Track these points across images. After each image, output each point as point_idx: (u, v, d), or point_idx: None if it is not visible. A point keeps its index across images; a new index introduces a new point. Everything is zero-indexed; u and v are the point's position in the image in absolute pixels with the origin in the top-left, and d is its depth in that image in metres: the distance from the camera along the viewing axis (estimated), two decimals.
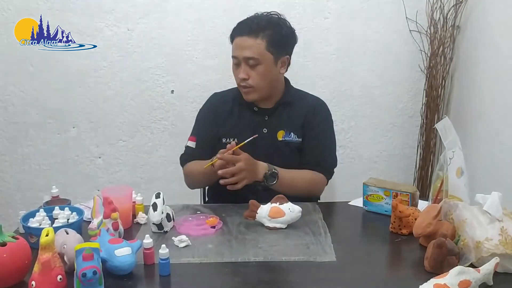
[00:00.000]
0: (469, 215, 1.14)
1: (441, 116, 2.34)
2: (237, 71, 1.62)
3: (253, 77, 1.59)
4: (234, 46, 1.61)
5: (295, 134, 1.66)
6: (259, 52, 1.57)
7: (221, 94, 1.80)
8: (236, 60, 1.61)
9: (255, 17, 1.62)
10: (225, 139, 1.65)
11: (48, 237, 0.95)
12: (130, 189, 1.39)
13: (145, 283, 1.06)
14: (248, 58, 1.57)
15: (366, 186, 1.46)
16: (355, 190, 1.57)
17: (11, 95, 2.37)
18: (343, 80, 2.45)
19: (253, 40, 1.56)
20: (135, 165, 2.49)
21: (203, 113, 1.77)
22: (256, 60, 1.57)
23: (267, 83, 1.61)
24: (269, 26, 1.59)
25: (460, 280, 0.94)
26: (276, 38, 1.59)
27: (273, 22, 1.61)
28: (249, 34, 1.57)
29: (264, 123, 1.67)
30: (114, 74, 2.37)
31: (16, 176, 2.47)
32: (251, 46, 1.56)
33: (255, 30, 1.57)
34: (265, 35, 1.57)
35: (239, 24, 1.63)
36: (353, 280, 1.08)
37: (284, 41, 1.63)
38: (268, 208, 1.31)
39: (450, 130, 1.33)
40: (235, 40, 1.60)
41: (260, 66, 1.58)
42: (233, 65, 1.64)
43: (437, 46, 2.33)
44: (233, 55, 1.62)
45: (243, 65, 1.59)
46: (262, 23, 1.58)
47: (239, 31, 1.60)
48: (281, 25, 1.62)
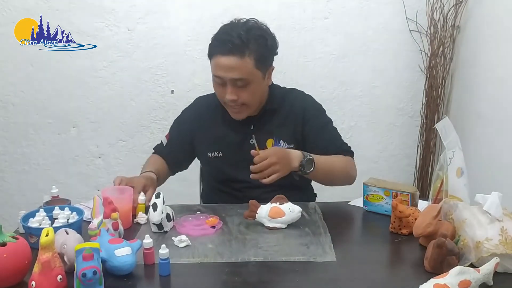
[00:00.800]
0: (469, 215, 1.13)
1: (441, 116, 2.34)
2: (222, 91, 1.47)
3: (243, 97, 1.46)
4: (217, 66, 1.44)
5: (284, 141, 1.56)
6: (248, 72, 1.42)
7: (204, 100, 1.71)
8: (220, 80, 1.45)
9: (234, 30, 1.43)
10: (210, 153, 1.59)
11: (48, 237, 0.95)
12: (130, 189, 1.39)
13: (145, 283, 1.05)
14: (236, 80, 1.43)
15: (366, 186, 1.46)
16: (355, 190, 1.57)
17: (11, 95, 2.37)
18: (343, 80, 2.45)
19: (239, 60, 1.40)
20: (135, 165, 2.48)
21: (185, 116, 1.70)
22: (245, 81, 1.43)
23: (257, 99, 1.51)
24: (253, 40, 1.42)
25: (460, 280, 0.94)
26: (263, 52, 1.45)
27: (256, 34, 1.44)
28: (233, 53, 1.40)
29: (250, 133, 1.57)
30: (114, 74, 2.37)
31: (16, 176, 2.47)
32: (239, 67, 1.41)
33: (240, 47, 1.40)
34: (252, 52, 1.41)
35: (218, 40, 1.45)
36: (353, 280, 1.08)
37: (270, 53, 1.50)
38: (268, 208, 1.31)
39: (450, 130, 1.33)
40: (217, 59, 1.43)
41: (250, 85, 1.45)
42: (215, 84, 1.49)
43: (437, 46, 2.33)
44: (216, 75, 1.45)
45: (229, 86, 1.44)
46: (245, 38, 1.41)
47: (221, 49, 1.42)
48: (265, 36, 1.46)
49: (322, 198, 1.72)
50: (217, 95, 1.53)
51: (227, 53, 1.41)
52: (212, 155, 1.60)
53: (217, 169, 1.62)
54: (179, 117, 1.73)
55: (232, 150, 1.57)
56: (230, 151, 1.58)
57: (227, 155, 1.59)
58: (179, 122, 1.71)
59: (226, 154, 1.59)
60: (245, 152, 1.48)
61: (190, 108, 1.73)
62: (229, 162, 1.58)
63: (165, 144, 1.68)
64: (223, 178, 1.61)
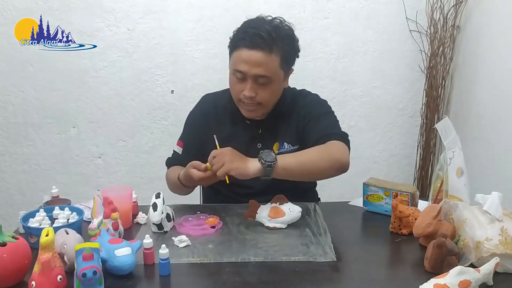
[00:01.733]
0: (469, 215, 1.13)
1: (441, 116, 2.34)
2: (239, 87, 1.41)
3: (261, 95, 1.40)
4: (240, 60, 1.37)
5: (288, 143, 1.52)
6: (273, 70, 1.38)
7: (212, 98, 1.63)
8: (241, 75, 1.39)
9: (262, 25, 1.37)
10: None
11: (48, 237, 0.95)
12: (130, 189, 1.39)
13: (145, 283, 1.05)
14: (259, 76, 1.37)
15: (366, 186, 1.46)
16: (355, 190, 1.57)
17: (11, 95, 2.37)
18: (343, 80, 2.45)
19: (266, 56, 1.35)
20: (135, 165, 2.49)
21: (192, 117, 1.63)
22: (268, 79, 1.38)
23: (274, 100, 1.46)
24: (282, 39, 1.38)
25: (460, 280, 0.94)
26: (289, 52, 1.42)
27: (284, 33, 1.40)
28: (261, 47, 1.34)
29: (257, 138, 1.52)
30: (114, 74, 2.37)
31: (16, 176, 2.47)
32: (264, 63, 1.35)
33: (268, 42, 1.35)
34: (279, 49, 1.37)
35: (246, 33, 1.37)
36: (353, 280, 1.08)
37: (295, 54, 1.46)
38: (268, 208, 1.31)
39: (450, 130, 1.33)
40: (241, 52, 1.37)
41: (271, 84, 1.40)
42: (234, 79, 1.42)
43: (437, 46, 2.33)
44: (238, 69, 1.38)
45: (250, 82, 1.38)
46: (274, 35, 1.36)
47: (248, 42, 1.35)
48: (292, 36, 1.43)
49: (322, 198, 1.71)
50: (233, 91, 1.45)
51: (254, 47, 1.35)
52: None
53: None
54: (188, 121, 1.65)
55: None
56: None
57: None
58: (190, 125, 1.63)
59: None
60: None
61: (196, 107, 1.65)
62: None
63: (181, 152, 1.59)
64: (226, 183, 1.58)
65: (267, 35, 1.35)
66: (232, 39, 1.43)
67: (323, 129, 1.46)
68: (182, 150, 1.59)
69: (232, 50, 1.42)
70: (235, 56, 1.40)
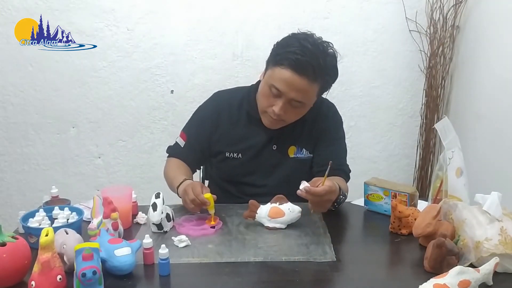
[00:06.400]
0: (468, 215, 1.13)
1: (440, 116, 2.34)
2: (271, 100, 1.40)
3: (289, 115, 1.42)
4: (281, 79, 1.35)
5: (307, 150, 1.53)
6: (310, 98, 1.40)
7: (226, 96, 1.59)
8: (278, 92, 1.37)
9: (315, 53, 1.34)
10: (228, 153, 1.53)
11: (47, 237, 0.95)
12: (130, 189, 1.39)
13: (145, 283, 1.05)
14: (295, 100, 1.37)
15: (366, 185, 1.46)
16: (354, 190, 1.57)
17: (11, 95, 2.37)
18: (343, 80, 2.45)
19: (308, 84, 1.34)
20: (134, 165, 2.49)
21: (202, 113, 1.59)
22: (302, 104, 1.39)
23: (298, 118, 1.47)
24: (328, 71, 1.38)
25: (459, 280, 0.94)
26: (330, 83, 1.43)
27: (332, 64, 1.39)
28: (307, 76, 1.33)
29: (274, 139, 1.52)
30: (114, 74, 2.37)
31: (16, 176, 2.47)
32: (305, 91, 1.36)
33: (316, 73, 1.34)
34: (322, 79, 1.37)
35: (295, 56, 1.32)
36: (353, 280, 1.08)
37: (333, 83, 1.45)
38: (268, 208, 1.31)
39: (450, 130, 1.33)
40: (286, 72, 1.34)
41: (303, 108, 1.42)
42: (268, 92, 1.39)
43: (437, 46, 2.34)
44: (276, 87, 1.36)
45: (284, 102, 1.37)
46: (323, 66, 1.35)
47: (296, 67, 1.32)
48: (336, 67, 1.41)
49: None
50: (262, 101, 1.43)
51: (300, 73, 1.33)
52: (230, 155, 1.53)
53: (231, 170, 1.55)
54: (197, 115, 1.61)
55: (252, 154, 1.52)
56: (250, 154, 1.52)
57: (246, 158, 1.53)
58: (198, 121, 1.59)
59: (245, 156, 1.53)
60: (265, 157, 1.46)
61: (209, 103, 1.60)
62: (247, 165, 1.53)
63: (183, 146, 1.57)
64: (236, 181, 1.56)
65: (318, 68, 1.34)
66: (277, 54, 1.38)
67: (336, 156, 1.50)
68: (185, 143, 1.57)
69: (275, 64, 1.38)
70: (277, 72, 1.36)
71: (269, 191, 1.41)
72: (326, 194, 1.23)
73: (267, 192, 1.41)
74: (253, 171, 1.54)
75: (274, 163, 1.53)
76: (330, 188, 1.23)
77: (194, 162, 1.61)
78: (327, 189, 1.22)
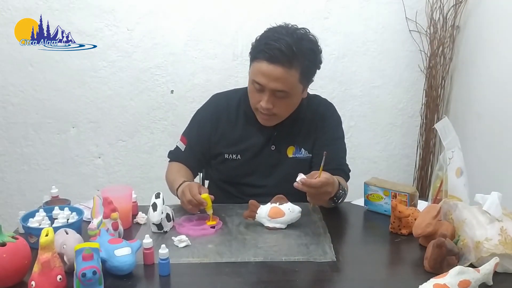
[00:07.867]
0: (468, 215, 1.14)
1: (440, 116, 2.34)
2: (257, 96, 1.41)
3: (279, 107, 1.41)
4: (259, 72, 1.36)
5: (305, 150, 1.53)
6: (292, 85, 1.37)
7: (224, 98, 1.60)
8: (260, 87, 1.38)
9: (284, 38, 1.33)
10: (228, 155, 1.54)
11: (47, 237, 0.95)
12: (130, 189, 1.39)
13: (145, 283, 1.05)
14: (277, 90, 1.37)
15: (366, 185, 1.46)
16: (354, 190, 1.57)
17: (11, 95, 2.37)
18: (343, 80, 2.45)
19: (284, 71, 1.33)
20: (134, 165, 2.49)
21: (202, 116, 1.60)
22: (286, 93, 1.38)
23: (290, 111, 1.47)
24: (303, 54, 1.35)
25: (459, 280, 0.95)
26: (310, 67, 1.40)
27: (307, 47, 1.36)
28: (280, 62, 1.32)
29: (272, 139, 1.52)
30: (114, 74, 2.37)
31: (16, 176, 2.47)
32: (283, 78, 1.34)
33: (288, 58, 1.32)
34: (299, 64, 1.35)
35: (266, 45, 1.34)
36: (353, 280, 1.08)
37: (316, 68, 1.44)
38: (268, 208, 1.31)
39: (450, 130, 1.33)
40: (261, 65, 1.35)
41: (289, 98, 1.40)
42: (253, 88, 1.41)
43: (437, 46, 2.34)
44: (257, 81, 1.37)
45: (268, 95, 1.38)
46: (295, 49, 1.32)
47: (267, 56, 1.33)
48: (315, 50, 1.39)
49: None
50: (251, 99, 1.45)
51: (273, 61, 1.33)
52: (229, 157, 1.54)
53: (231, 171, 1.56)
54: (196, 118, 1.62)
55: (252, 154, 1.52)
56: (249, 155, 1.53)
57: (245, 159, 1.53)
58: (198, 124, 1.59)
59: (244, 157, 1.53)
60: (264, 157, 1.46)
61: (208, 106, 1.61)
62: (246, 166, 1.54)
63: (184, 150, 1.57)
64: (236, 182, 1.57)
65: (287, 50, 1.32)
66: (253, 48, 1.40)
67: (336, 156, 1.52)
68: (185, 147, 1.58)
69: (252, 59, 1.40)
70: (255, 67, 1.38)
71: (269, 191, 1.41)
72: (323, 186, 1.22)
73: (266, 192, 1.41)
74: (252, 172, 1.54)
75: (273, 163, 1.54)
76: (326, 180, 1.22)
77: (195, 165, 1.61)
78: (324, 181, 1.22)
